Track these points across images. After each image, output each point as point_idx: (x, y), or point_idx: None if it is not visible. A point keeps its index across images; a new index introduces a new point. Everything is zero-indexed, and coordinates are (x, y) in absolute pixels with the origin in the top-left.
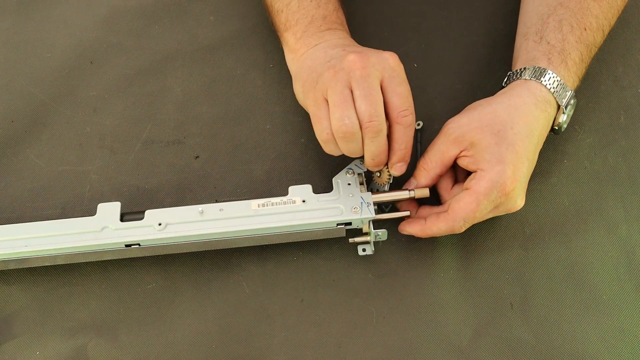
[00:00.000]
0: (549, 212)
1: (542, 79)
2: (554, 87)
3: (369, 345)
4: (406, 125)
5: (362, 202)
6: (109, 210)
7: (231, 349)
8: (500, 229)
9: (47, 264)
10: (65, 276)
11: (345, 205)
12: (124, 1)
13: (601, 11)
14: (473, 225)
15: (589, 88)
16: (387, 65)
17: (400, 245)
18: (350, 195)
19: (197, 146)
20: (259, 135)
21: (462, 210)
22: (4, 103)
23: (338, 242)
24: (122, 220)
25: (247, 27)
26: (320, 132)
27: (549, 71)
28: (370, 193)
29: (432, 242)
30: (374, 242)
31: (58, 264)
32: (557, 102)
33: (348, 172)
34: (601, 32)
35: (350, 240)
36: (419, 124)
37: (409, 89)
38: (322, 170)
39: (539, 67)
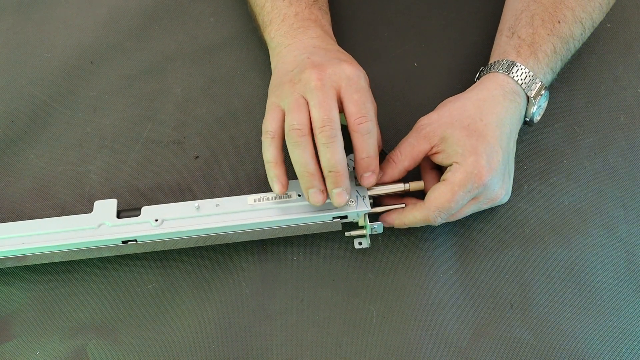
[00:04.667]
0: (549, 212)
1: (510, 71)
2: (521, 79)
3: (369, 345)
4: (363, 132)
5: (357, 196)
6: (106, 207)
7: (231, 349)
8: (500, 229)
9: (44, 262)
10: (65, 276)
11: None
12: (124, 1)
13: (577, 4)
14: (473, 225)
15: (589, 88)
16: (344, 74)
17: (400, 244)
18: None
19: (197, 146)
20: (258, 135)
21: (437, 199)
22: (4, 103)
23: (338, 242)
24: (118, 217)
25: (247, 27)
26: (265, 132)
27: (517, 63)
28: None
29: (432, 242)
30: (370, 235)
31: (56, 261)
32: (525, 93)
33: None
34: (579, 25)
35: (347, 233)
36: None
37: (367, 96)
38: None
39: (508, 60)
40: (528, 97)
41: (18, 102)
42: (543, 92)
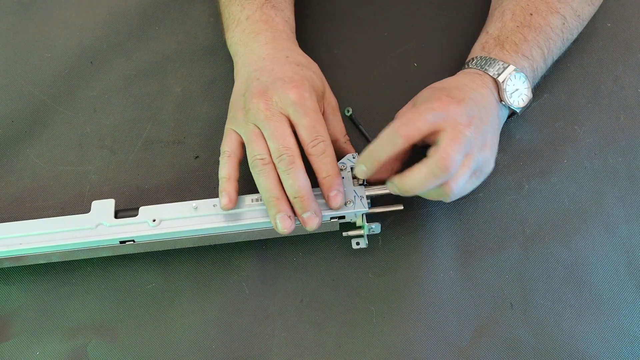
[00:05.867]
0: (549, 212)
1: (469, 64)
2: (480, 64)
3: (369, 345)
4: (318, 154)
5: (355, 196)
6: (103, 207)
7: (231, 349)
8: (500, 229)
9: (42, 262)
10: (65, 276)
11: None
12: (124, 2)
13: None
14: (473, 225)
15: (589, 88)
16: (289, 101)
17: (400, 244)
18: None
19: (197, 146)
20: None
21: (448, 147)
22: (4, 103)
23: (337, 242)
24: (116, 217)
25: None
26: (222, 153)
27: (479, 56)
28: (363, 187)
29: (432, 242)
30: (367, 235)
31: (53, 261)
32: (487, 74)
33: (340, 167)
34: (557, 15)
35: (344, 234)
36: (348, 110)
37: (315, 116)
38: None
39: (474, 57)
40: (495, 80)
41: (18, 102)
42: (515, 75)
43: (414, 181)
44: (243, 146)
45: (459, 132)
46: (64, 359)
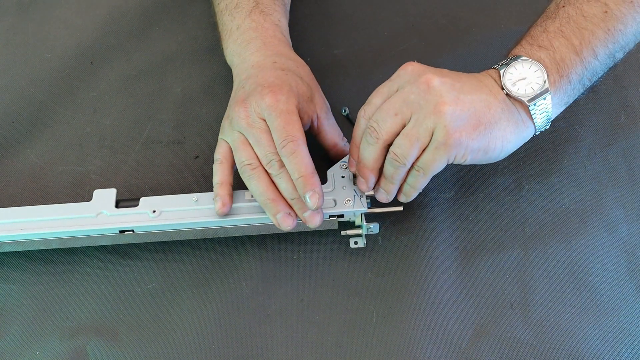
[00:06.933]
0: (549, 212)
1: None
2: (497, 65)
3: (369, 345)
4: (288, 154)
5: (354, 195)
6: (105, 196)
7: (231, 349)
8: (500, 229)
9: (41, 248)
10: (65, 276)
11: (338, 198)
12: (124, 2)
13: None
14: (473, 225)
15: None
16: (264, 105)
17: (400, 244)
18: (344, 187)
19: (197, 146)
20: None
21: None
22: (4, 103)
23: (338, 242)
24: (117, 206)
25: None
26: (215, 160)
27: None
28: None
29: (432, 242)
30: (365, 235)
31: (52, 247)
32: (492, 67)
33: (342, 166)
34: (595, 3)
35: (342, 232)
36: (345, 110)
37: (286, 117)
38: (321, 170)
39: None
40: (497, 70)
41: (18, 102)
42: (520, 61)
43: (358, 145)
44: None
45: (400, 91)
46: (63, 358)
